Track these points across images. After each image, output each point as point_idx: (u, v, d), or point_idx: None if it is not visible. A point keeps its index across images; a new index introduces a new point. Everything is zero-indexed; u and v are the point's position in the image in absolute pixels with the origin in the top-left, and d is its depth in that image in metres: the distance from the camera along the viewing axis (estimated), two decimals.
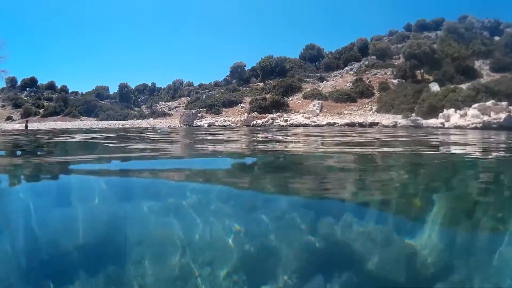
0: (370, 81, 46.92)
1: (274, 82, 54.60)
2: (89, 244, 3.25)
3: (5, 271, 2.93)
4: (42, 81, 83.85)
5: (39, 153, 9.91)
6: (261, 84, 58.57)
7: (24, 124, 44.45)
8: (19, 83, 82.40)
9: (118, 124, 49.77)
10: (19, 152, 10.12)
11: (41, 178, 5.55)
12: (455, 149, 10.40)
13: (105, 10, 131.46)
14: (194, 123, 44.17)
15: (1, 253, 3.10)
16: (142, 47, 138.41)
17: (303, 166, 6.77)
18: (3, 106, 72.65)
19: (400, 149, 10.17)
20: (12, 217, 3.73)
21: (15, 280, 2.90)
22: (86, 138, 15.57)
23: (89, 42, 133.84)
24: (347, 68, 56.36)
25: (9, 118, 64.68)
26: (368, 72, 50.43)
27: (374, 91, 44.44)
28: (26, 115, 63.80)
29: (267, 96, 47.52)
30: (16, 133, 26.05)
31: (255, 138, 15.40)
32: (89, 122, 54.79)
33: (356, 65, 55.90)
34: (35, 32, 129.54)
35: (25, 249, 3.14)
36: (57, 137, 16.69)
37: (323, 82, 52.98)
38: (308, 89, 49.11)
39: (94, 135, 18.24)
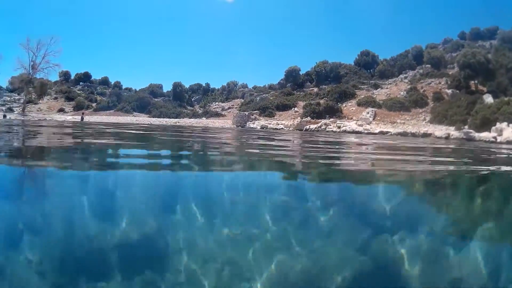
0: (424, 90, 47.50)
1: (328, 88, 55.95)
2: None
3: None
4: (96, 76, 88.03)
5: None
6: (315, 89, 60.09)
7: (80, 116, 48.17)
8: (72, 78, 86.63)
9: (171, 121, 51.62)
10: None
11: None
12: None
13: (161, 9, 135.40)
14: (247, 125, 45.83)
15: None
16: (197, 46, 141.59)
17: None
18: (55, 98, 76.38)
19: None
20: None
21: None
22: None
23: (145, 40, 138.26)
24: (401, 76, 57.21)
25: (61, 110, 68.21)
26: (422, 81, 51.04)
27: (428, 100, 44.90)
28: (78, 108, 67.66)
29: (321, 101, 48.90)
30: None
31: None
32: (141, 118, 57.07)
33: (410, 73, 56.57)
34: (90, 29, 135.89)
35: None
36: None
37: (377, 90, 54.19)
38: (362, 96, 50.13)
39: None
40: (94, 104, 70.75)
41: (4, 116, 49.38)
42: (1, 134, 12.88)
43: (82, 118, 45.93)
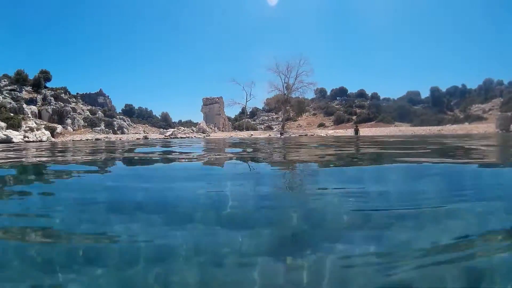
0: None
1: None
2: None
3: None
4: (352, 90, 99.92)
5: None
6: None
7: (353, 130, 50.08)
8: (328, 93, 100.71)
9: (434, 129, 51.84)
10: None
11: None
12: None
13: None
14: (511, 128, 44.27)
15: None
16: (451, 43, 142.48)
17: None
18: (314, 114, 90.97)
19: None
20: None
21: None
22: None
23: (394, 46, 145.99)
24: None
25: (321, 125, 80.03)
26: None
27: None
28: (338, 122, 78.91)
29: None
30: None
31: None
32: (404, 128, 60.67)
33: None
34: (342, 45, 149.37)
35: None
36: None
37: None
38: None
39: None
40: (354, 117, 79.92)
41: (281, 134, 55.25)
42: None
43: (356, 132, 47.93)
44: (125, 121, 71.51)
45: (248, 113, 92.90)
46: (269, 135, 55.61)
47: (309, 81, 69.88)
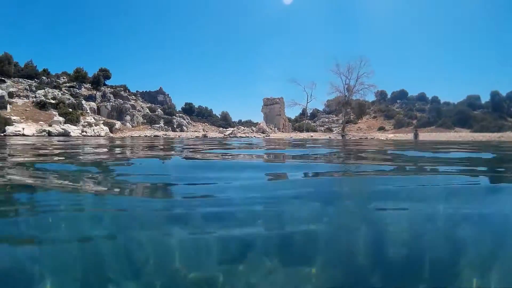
0: None
1: None
2: None
3: None
4: (413, 92, 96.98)
5: None
6: None
7: (413, 134, 51.09)
8: (389, 96, 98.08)
9: (494, 136, 50.46)
10: None
11: None
12: None
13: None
14: None
15: None
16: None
17: None
18: (374, 117, 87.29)
19: None
20: None
21: None
22: None
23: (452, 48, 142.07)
24: None
25: (381, 128, 76.81)
26: None
27: None
28: (398, 126, 75.18)
29: None
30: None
31: None
32: (464, 134, 58.03)
33: None
34: (398, 47, 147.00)
35: None
36: None
37: None
38: None
39: None
40: (414, 121, 76.70)
41: (342, 136, 56.08)
42: None
43: (416, 136, 48.80)
44: (184, 119, 72.94)
45: (309, 114, 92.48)
46: (329, 137, 55.90)
47: (370, 83, 70.16)
